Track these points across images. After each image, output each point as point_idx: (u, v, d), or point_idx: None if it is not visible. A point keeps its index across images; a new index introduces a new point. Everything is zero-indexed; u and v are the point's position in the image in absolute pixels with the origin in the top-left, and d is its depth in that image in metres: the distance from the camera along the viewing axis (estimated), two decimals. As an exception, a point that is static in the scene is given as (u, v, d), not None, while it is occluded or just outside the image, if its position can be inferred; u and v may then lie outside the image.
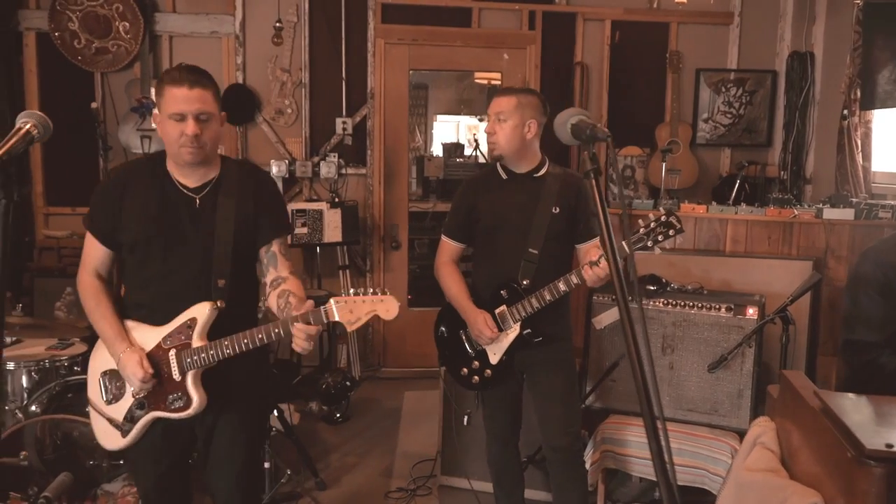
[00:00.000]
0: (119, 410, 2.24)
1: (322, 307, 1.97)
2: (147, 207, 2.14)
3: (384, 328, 5.45)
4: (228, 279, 2.13)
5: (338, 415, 4.51)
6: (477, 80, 7.79)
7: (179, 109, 2.04)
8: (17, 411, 3.16)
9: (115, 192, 2.18)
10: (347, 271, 5.26)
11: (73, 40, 4.83)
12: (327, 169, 5.12)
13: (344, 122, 5.16)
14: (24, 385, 3.28)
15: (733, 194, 4.47)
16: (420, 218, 6.22)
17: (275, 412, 3.58)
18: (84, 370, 2.85)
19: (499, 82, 7.57)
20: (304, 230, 4.90)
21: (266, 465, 3.40)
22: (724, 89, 5.45)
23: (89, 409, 2.33)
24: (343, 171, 5.20)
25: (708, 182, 5.42)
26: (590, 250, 2.80)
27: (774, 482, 1.83)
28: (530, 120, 2.72)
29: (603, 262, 2.55)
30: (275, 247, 2.23)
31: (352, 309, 1.97)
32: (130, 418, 2.22)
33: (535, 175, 2.82)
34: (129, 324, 2.21)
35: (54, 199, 5.07)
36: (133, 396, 2.21)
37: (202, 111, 2.06)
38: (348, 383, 4.48)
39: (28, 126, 1.40)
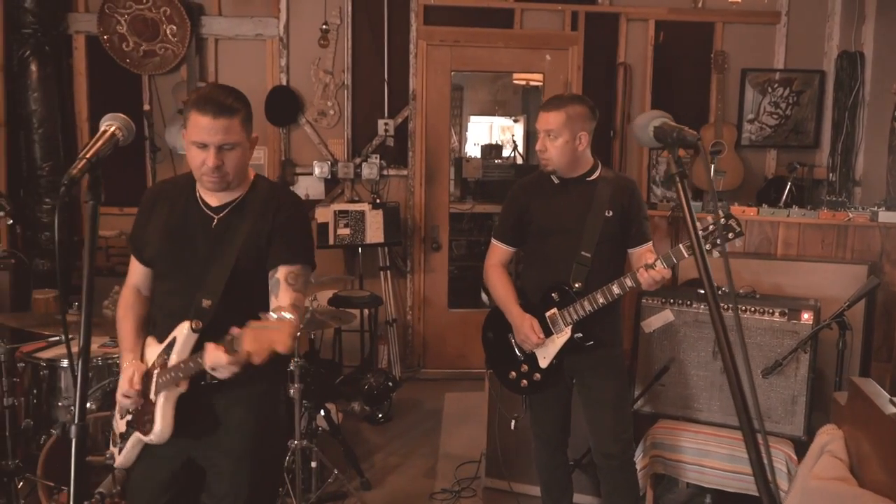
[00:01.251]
0: (121, 426, 2.19)
1: (234, 334, 1.71)
2: (167, 225, 2.09)
3: (424, 329, 5.45)
4: (217, 300, 1.99)
5: (380, 415, 4.52)
6: (515, 81, 7.77)
7: (201, 139, 1.95)
8: (72, 408, 3.20)
9: (146, 209, 2.16)
10: (388, 272, 5.27)
11: (122, 43, 4.91)
12: (369, 170, 5.13)
13: (386, 124, 5.18)
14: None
15: (784, 196, 4.38)
16: (458, 219, 6.22)
17: (321, 412, 3.60)
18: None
19: (539, 83, 7.56)
20: (347, 231, 4.92)
21: (313, 464, 3.43)
22: (770, 90, 5.36)
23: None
24: (384, 172, 5.22)
25: (753, 184, 5.34)
26: (643, 254, 2.78)
27: (845, 491, 1.79)
28: (581, 133, 2.69)
29: (659, 265, 2.52)
30: (279, 273, 2.03)
31: (256, 336, 1.66)
32: (124, 435, 2.16)
33: (588, 179, 2.79)
34: (148, 340, 2.16)
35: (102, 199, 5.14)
36: (129, 411, 2.13)
37: (225, 142, 1.96)
38: (390, 384, 4.49)
39: (113, 128, 1.42)
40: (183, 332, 2.01)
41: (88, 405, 3.23)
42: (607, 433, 2.79)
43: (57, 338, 3.36)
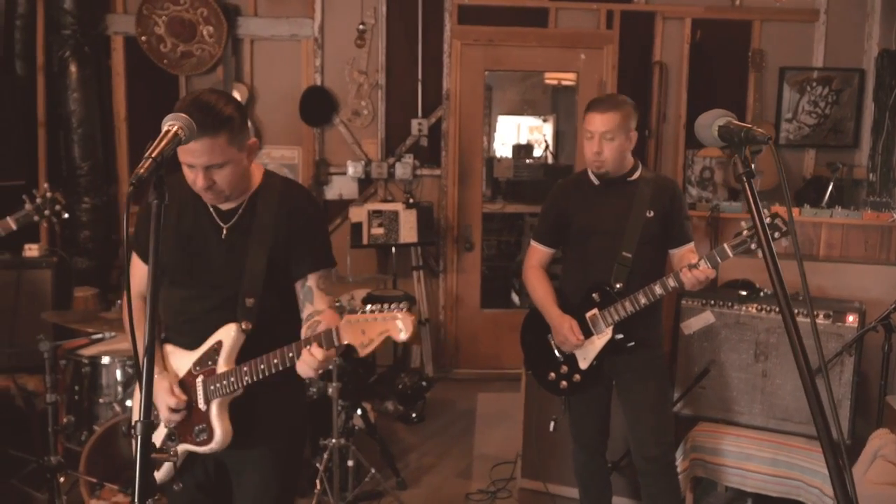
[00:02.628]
0: (156, 441, 2.09)
1: (334, 328, 1.75)
2: (179, 233, 2.01)
3: (456, 329, 5.45)
4: (259, 299, 1.96)
5: (413, 415, 4.52)
6: (547, 81, 7.74)
7: (186, 160, 1.85)
8: (114, 404, 3.25)
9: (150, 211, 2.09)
10: (421, 272, 5.28)
11: (159, 44, 4.96)
12: (402, 170, 5.14)
13: (419, 124, 5.18)
14: (118, 379, 3.37)
15: (826, 197, 4.31)
16: (488, 219, 6.21)
17: (358, 411, 3.61)
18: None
19: (572, 83, 7.52)
20: (381, 231, 4.93)
21: (349, 463, 3.44)
22: (808, 88, 5.28)
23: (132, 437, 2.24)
24: (418, 171, 5.22)
25: (790, 184, 5.26)
26: (685, 255, 2.75)
27: (903, 498, 1.75)
28: (632, 132, 2.69)
29: (703, 265, 2.49)
30: (310, 281, 2.01)
31: (363, 329, 1.71)
32: (163, 449, 2.02)
33: (629, 179, 2.77)
34: (168, 348, 2.08)
35: (139, 198, 5.20)
36: (165, 426, 2.06)
37: (211, 162, 1.83)
38: (424, 384, 4.49)
39: (175, 128, 1.43)
40: (231, 335, 1.95)
41: (128, 403, 3.27)
42: (649, 436, 2.76)
43: (100, 335, 3.40)
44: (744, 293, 3.27)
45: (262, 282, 1.96)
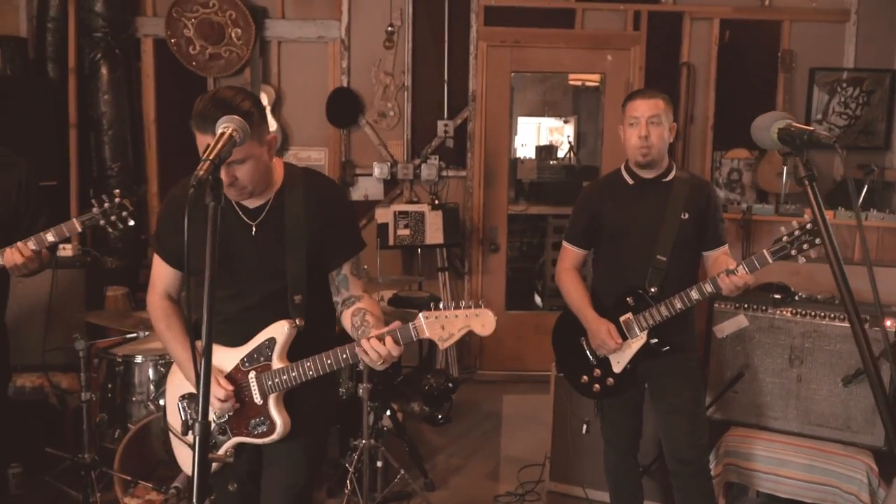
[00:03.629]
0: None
1: (411, 324, 1.84)
2: (206, 232, 2.02)
3: (481, 331, 5.43)
4: (305, 295, 2.01)
5: (440, 416, 4.52)
6: (571, 82, 7.71)
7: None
8: (148, 403, 3.27)
9: (177, 214, 2.05)
10: (446, 273, 5.28)
11: (189, 46, 5.00)
12: (428, 171, 5.15)
13: (445, 125, 5.18)
14: (151, 377, 3.39)
15: (860, 199, 4.26)
16: (512, 221, 6.19)
17: (387, 411, 3.61)
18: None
19: (595, 84, 7.49)
20: (407, 232, 4.94)
21: (378, 463, 3.44)
22: (839, 89, 5.22)
23: (170, 435, 2.23)
24: (443, 173, 5.22)
25: (821, 186, 5.18)
26: (719, 257, 2.73)
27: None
28: (672, 124, 2.68)
29: (741, 271, 2.47)
30: (345, 269, 2.07)
31: (444, 325, 1.82)
32: (213, 444, 2.11)
33: (664, 180, 2.75)
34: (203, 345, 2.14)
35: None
36: (214, 422, 2.09)
37: (231, 159, 1.82)
38: (450, 385, 4.49)
39: (230, 130, 1.45)
40: (284, 332, 1.99)
41: (162, 402, 3.29)
42: (683, 439, 2.74)
43: (133, 334, 3.43)
44: (778, 296, 3.24)
45: (306, 278, 2.00)
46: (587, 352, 2.83)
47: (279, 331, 2.00)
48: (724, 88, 5.20)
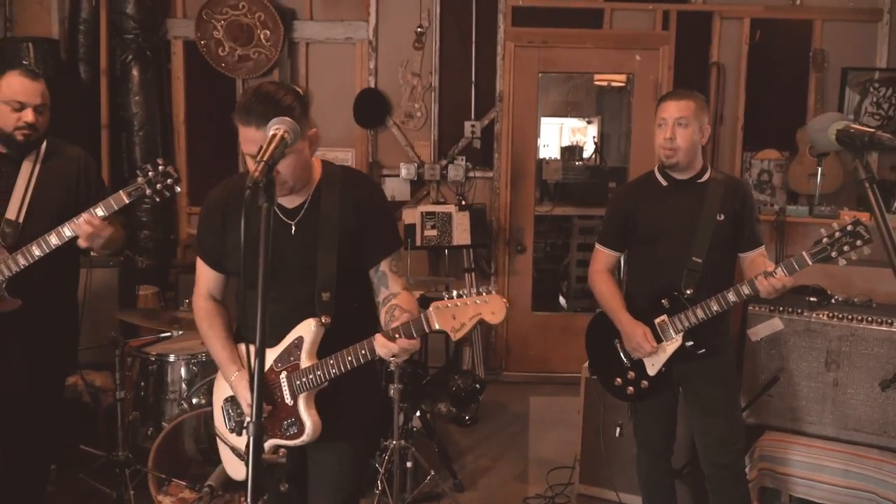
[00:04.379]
0: (242, 439, 2.12)
1: (421, 314, 1.80)
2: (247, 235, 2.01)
3: (507, 332, 5.43)
4: (334, 292, 1.97)
5: (467, 417, 4.51)
6: (597, 82, 7.67)
7: (249, 151, 1.84)
8: (182, 401, 3.30)
9: (217, 216, 2.06)
10: (473, 274, 5.27)
11: (218, 48, 5.04)
12: (455, 172, 5.15)
13: (472, 126, 5.18)
14: (183, 376, 3.42)
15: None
16: (537, 222, 6.17)
17: (417, 412, 3.62)
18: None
19: (622, 84, 7.45)
20: (434, 232, 4.94)
21: (408, 464, 3.44)
22: (871, 89, 5.15)
23: (217, 437, 2.22)
24: (470, 173, 5.22)
25: (852, 188, 5.12)
26: (755, 259, 2.70)
27: None
28: (705, 126, 2.65)
29: (780, 273, 2.44)
30: (383, 266, 2.04)
31: (454, 314, 1.76)
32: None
33: (698, 181, 2.72)
34: (243, 348, 2.02)
35: (197, 199, 5.30)
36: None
37: None
38: (478, 386, 4.48)
39: (281, 132, 1.46)
40: (311, 330, 1.97)
41: (195, 400, 3.32)
42: (718, 442, 2.72)
43: (168, 333, 3.46)
44: (813, 299, 3.20)
45: (334, 275, 1.97)
46: (621, 354, 2.81)
47: (306, 329, 1.97)
48: (755, 88, 5.15)
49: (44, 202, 2.65)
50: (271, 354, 2.03)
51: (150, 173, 2.51)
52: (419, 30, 5.02)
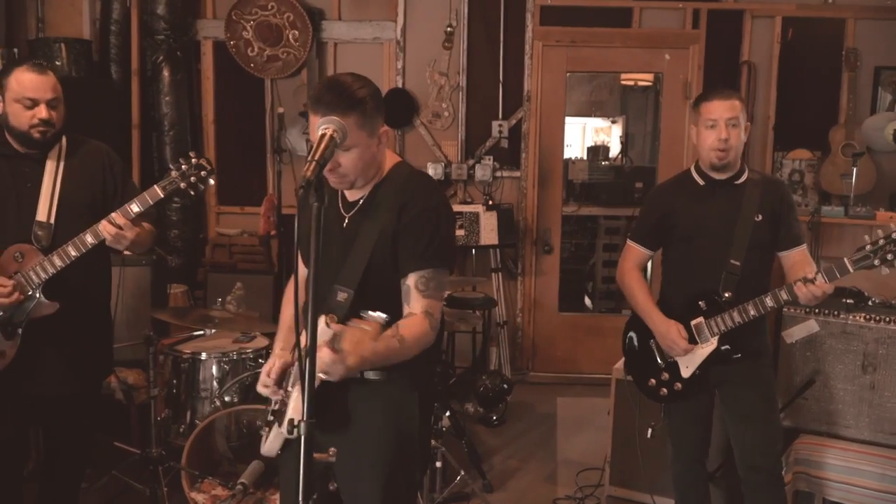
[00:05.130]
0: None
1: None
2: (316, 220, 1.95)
3: (533, 332, 5.42)
4: (353, 295, 1.89)
5: (494, 417, 4.51)
6: (623, 82, 7.63)
7: (313, 138, 1.76)
8: (215, 400, 3.32)
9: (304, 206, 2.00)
10: (500, 274, 5.26)
11: (247, 48, 5.07)
12: (482, 171, 5.14)
13: (500, 125, 5.17)
14: (214, 374, 3.44)
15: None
16: (563, 222, 6.15)
17: (447, 412, 3.61)
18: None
19: (649, 83, 7.40)
20: (462, 232, 4.94)
21: (438, 464, 3.44)
22: (905, 89, 5.07)
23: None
24: (497, 173, 5.20)
25: (885, 188, 5.03)
26: (797, 259, 2.66)
27: None
28: (747, 124, 2.63)
29: (819, 280, 2.40)
30: (409, 280, 1.90)
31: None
32: (269, 423, 2.11)
33: (736, 182, 2.70)
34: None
35: (225, 198, 5.35)
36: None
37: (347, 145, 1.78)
38: (506, 386, 4.47)
39: (330, 131, 1.46)
40: (320, 327, 1.84)
41: (228, 398, 3.35)
42: (755, 446, 2.68)
43: (200, 332, 3.48)
44: (849, 301, 3.16)
45: (359, 275, 1.89)
46: (657, 355, 2.79)
47: (321, 329, 1.84)
48: (786, 88, 5.10)
49: (73, 200, 2.61)
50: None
51: (183, 166, 2.47)
52: (449, 29, 5.02)
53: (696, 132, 2.68)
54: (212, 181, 2.51)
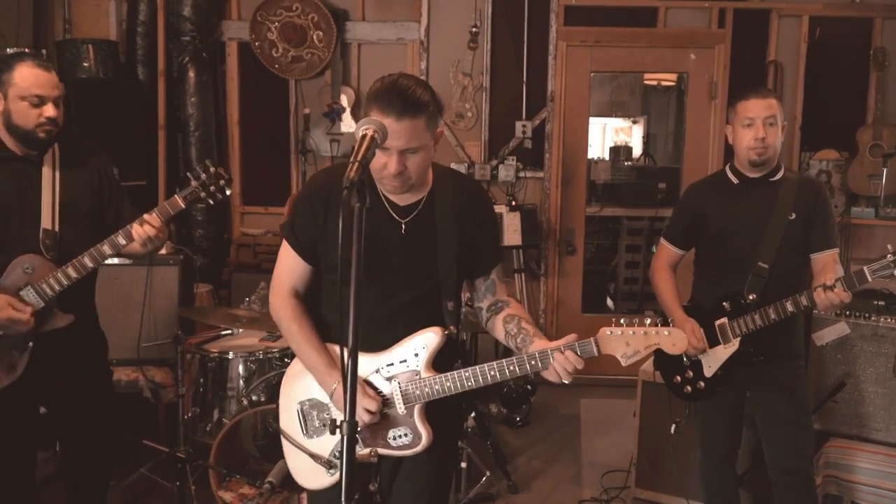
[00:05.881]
0: (324, 446, 2.03)
1: (592, 339, 1.81)
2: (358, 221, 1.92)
3: (556, 333, 5.39)
4: (455, 301, 1.93)
5: (517, 419, 4.50)
6: (646, 82, 7.59)
7: (383, 143, 1.73)
8: (242, 399, 3.34)
9: (319, 205, 1.94)
10: (523, 275, 5.25)
11: (272, 49, 5.10)
12: (506, 172, 5.13)
13: (523, 126, 5.16)
14: (241, 373, 3.46)
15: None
16: (586, 222, 6.13)
17: (473, 413, 3.61)
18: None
19: (672, 83, 7.36)
20: (485, 233, 4.92)
21: (463, 464, 3.44)
22: (935, 88, 5.00)
23: (283, 441, 2.14)
24: (521, 174, 5.19)
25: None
26: (827, 263, 2.63)
27: None
28: (784, 123, 2.61)
29: (838, 288, 2.38)
30: (494, 275, 2.04)
31: (629, 341, 1.81)
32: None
33: (771, 179, 2.67)
34: (337, 350, 1.96)
35: (249, 199, 5.38)
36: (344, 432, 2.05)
37: (409, 146, 1.77)
38: (529, 387, 4.46)
39: (371, 132, 1.46)
40: (435, 339, 1.89)
41: (255, 398, 3.37)
42: (786, 448, 2.66)
43: (228, 331, 3.50)
44: (881, 303, 3.12)
45: (456, 283, 1.94)
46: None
47: (430, 338, 1.90)
48: (813, 87, 5.04)
49: (74, 207, 2.53)
50: (377, 360, 1.95)
51: (202, 176, 2.47)
52: (474, 29, 5.01)
53: (733, 131, 2.66)
54: (229, 191, 2.51)
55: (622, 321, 1.82)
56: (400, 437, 1.93)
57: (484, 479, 3.48)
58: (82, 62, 4.67)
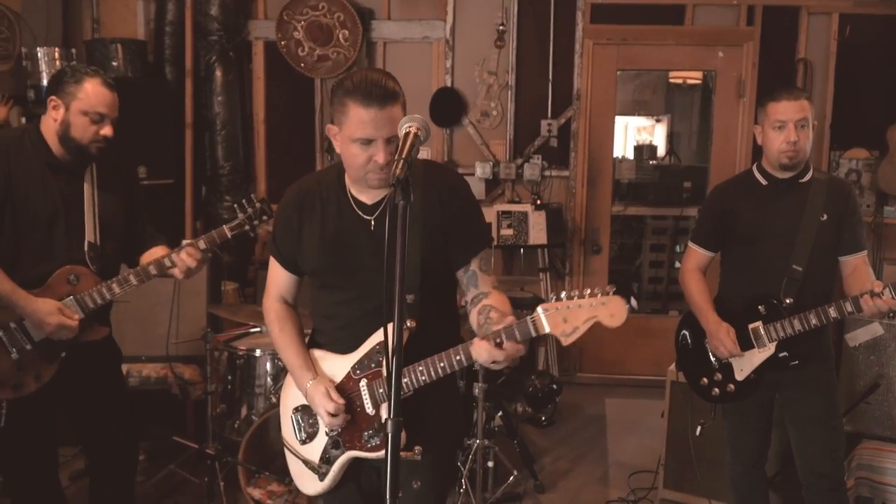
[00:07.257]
0: (314, 451, 2.02)
1: (529, 318, 1.64)
2: (325, 233, 1.93)
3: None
4: (417, 294, 1.85)
5: (543, 418, 4.49)
6: (671, 80, 7.54)
7: (366, 134, 1.76)
8: (270, 396, 3.36)
9: (293, 214, 1.97)
10: (548, 274, 5.24)
11: (297, 48, 5.12)
12: (531, 171, 5.12)
13: (549, 124, 5.14)
14: (269, 371, 3.48)
15: None
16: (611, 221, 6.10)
17: (499, 412, 3.61)
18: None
19: (697, 82, 7.30)
20: (510, 231, 4.92)
21: (489, 463, 3.44)
22: (969, 86, 4.91)
23: (285, 449, 2.13)
24: (546, 172, 5.18)
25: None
26: (858, 267, 2.60)
27: None
28: (815, 122, 2.57)
29: (887, 295, 2.35)
30: (473, 266, 1.92)
31: (566, 317, 1.61)
32: (326, 459, 1.98)
33: (801, 181, 2.64)
34: (317, 353, 2.02)
35: (275, 197, 5.37)
36: (326, 434, 1.98)
37: (392, 133, 1.73)
38: (555, 387, 4.45)
39: (414, 129, 1.47)
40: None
41: (274, 399, 3.38)
42: (818, 451, 2.63)
43: (257, 329, 3.53)
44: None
45: (419, 275, 1.85)
46: (710, 354, 2.76)
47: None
48: (843, 86, 4.98)
49: (110, 220, 2.58)
50: (349, 361, 1.94)
51: (249, 210, 2.57)
52: (501, 28, 5.00)
53: (762, 132, 2.63)
54: (269, 221, 2.55)
55: (562, 295, 1.64)
56: (371, 437, 1.91)
57: (511, 478, 3.48)
58: (111, 61, 4.72)
